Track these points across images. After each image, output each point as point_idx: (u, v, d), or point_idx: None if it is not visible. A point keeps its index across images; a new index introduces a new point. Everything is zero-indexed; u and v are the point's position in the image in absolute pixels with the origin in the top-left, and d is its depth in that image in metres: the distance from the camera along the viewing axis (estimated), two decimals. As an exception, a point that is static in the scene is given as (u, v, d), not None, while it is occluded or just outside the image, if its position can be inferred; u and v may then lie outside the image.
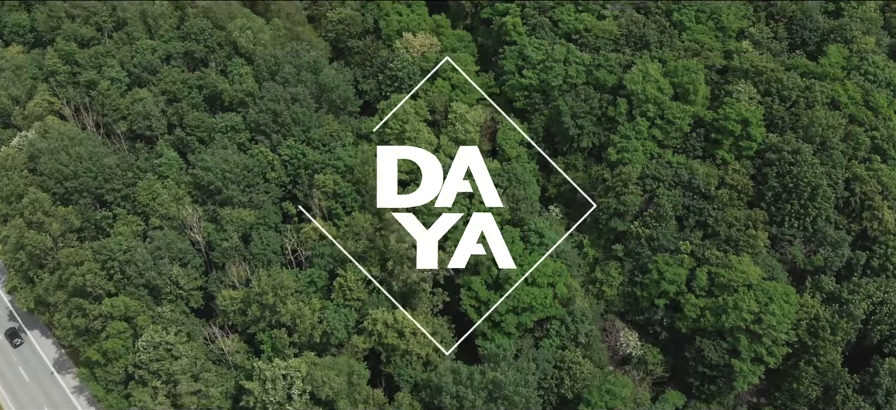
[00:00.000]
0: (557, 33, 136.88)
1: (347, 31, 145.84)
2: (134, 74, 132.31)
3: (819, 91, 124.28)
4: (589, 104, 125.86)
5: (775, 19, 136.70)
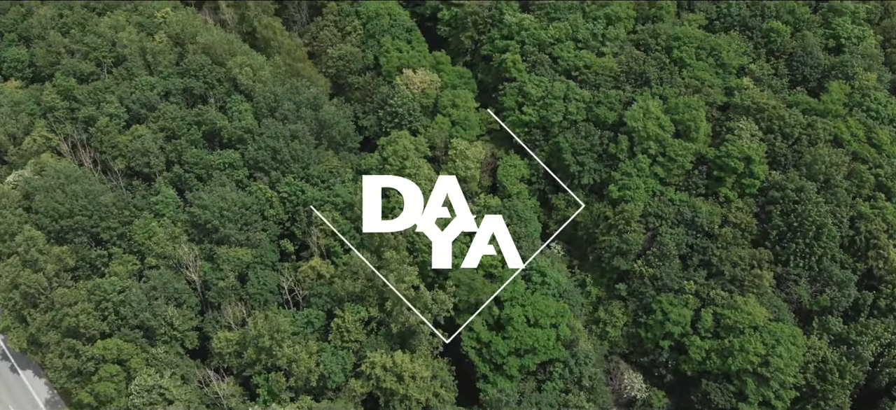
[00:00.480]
0: (557, 70, 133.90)
1: (348, 67, 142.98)
2: (133, 111, 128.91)
3: (821, 128, 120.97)
4: (589, 141, 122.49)
5: (775, 56, 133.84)
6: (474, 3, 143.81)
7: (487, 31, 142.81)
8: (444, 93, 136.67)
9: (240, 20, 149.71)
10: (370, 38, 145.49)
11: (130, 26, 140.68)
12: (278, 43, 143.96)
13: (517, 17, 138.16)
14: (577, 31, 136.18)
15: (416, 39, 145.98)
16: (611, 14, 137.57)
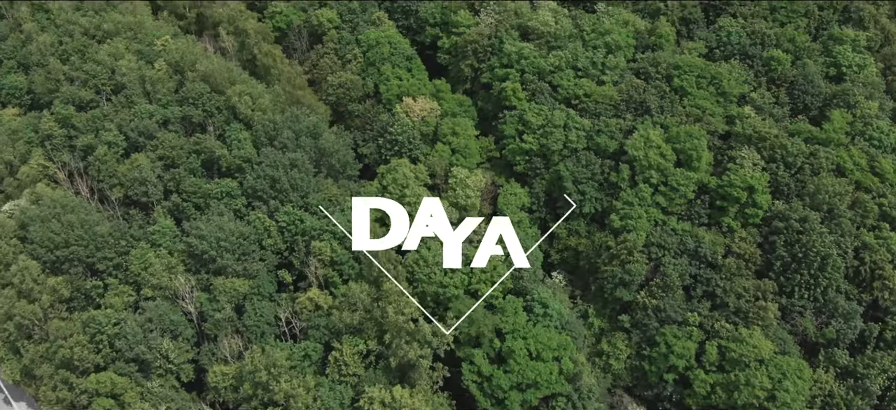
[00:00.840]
0: (557, 98, 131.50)
1: (348, 94, 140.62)
2: (131, 139, 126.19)
3: (824, 157, 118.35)
4: (590, 169, 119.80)
5: (776, 84, 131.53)
6: (474, 31, 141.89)
7: (487, 59, 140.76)
8: (444, 121, 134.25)
9: (240, 48, 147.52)
10: (370, 66, 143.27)
11: (130, 54, 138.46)
12: (278, 71, 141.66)
13: (517, 46, 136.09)
14: (576, 60, 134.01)
15: (416, 67, 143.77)
16: (611, 43, 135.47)
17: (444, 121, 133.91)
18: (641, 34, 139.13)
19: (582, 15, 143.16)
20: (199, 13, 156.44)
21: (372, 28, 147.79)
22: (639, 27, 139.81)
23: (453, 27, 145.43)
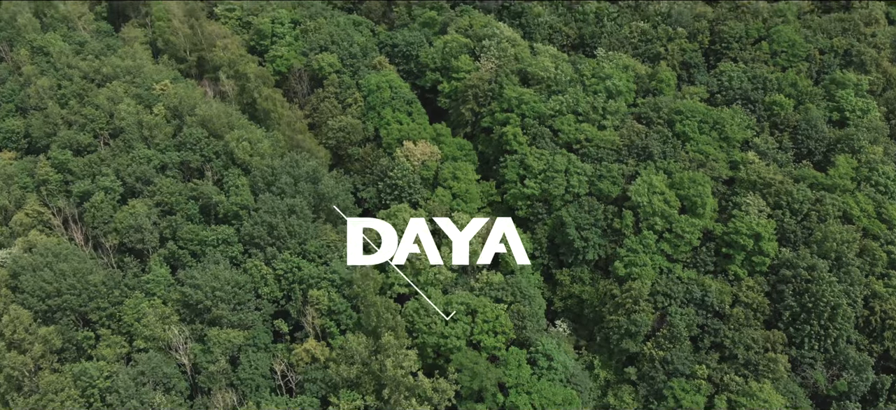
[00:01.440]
0: (558, 143, 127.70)
1: (348, 138, 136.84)
2: (128, 184, 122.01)
3: (830, 204, 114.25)
4: (593, 215, 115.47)
5: (779, 129, 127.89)
6: (475, 76, 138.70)
7: (488, 103, 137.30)
8: (444, 165, 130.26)
9: (240, 92, 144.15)
10: (371, 110, 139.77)
11: (129, 98, 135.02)
12: (279, 115, 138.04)
13: (517, 91, 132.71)
14: (577, 105, 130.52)
15: (417, 111, 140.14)
16: (611, 87, 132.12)
17: (444, 166, 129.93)
18: (642, 79, 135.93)
19: (582, 60, 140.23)
20: (199, 57, 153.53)
21: (373, 72, 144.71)
22: (639, 72, 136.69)
23: (454, 72, 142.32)
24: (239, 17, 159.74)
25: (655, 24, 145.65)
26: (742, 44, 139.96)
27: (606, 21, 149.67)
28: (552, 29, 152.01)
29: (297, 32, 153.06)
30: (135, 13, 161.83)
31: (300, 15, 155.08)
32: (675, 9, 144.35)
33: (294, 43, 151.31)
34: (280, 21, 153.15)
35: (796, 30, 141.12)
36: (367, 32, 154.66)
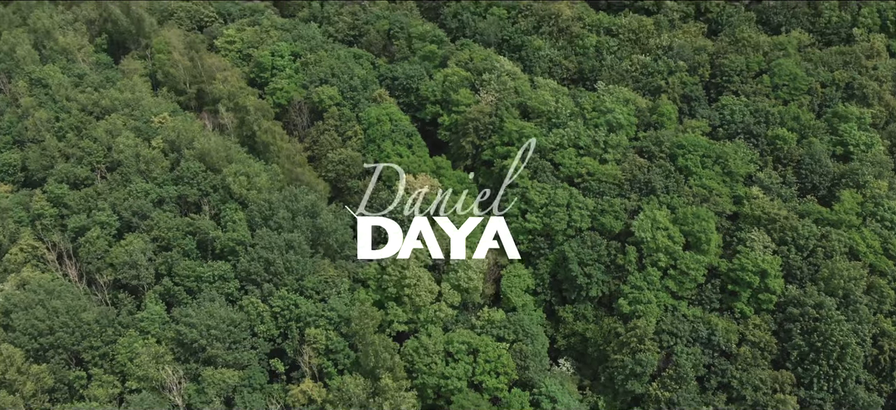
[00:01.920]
0: (559, 177, 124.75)
1: (348, 171, 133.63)
2: (125, 219, 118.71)
3: (836, 240, 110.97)
4: (596, 251, 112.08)
5: (783, 163, 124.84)
6: (475, 109, 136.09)
7: (488, 136, 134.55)
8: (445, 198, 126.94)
9: (239, 124, 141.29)
10: (371, 143, 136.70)
11: (127, 130, 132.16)
12: (278, 147, 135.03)
13: (518, 125, 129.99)
14: (578, 138, 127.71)
15: (417, 144, 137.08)
16: (612, 121, 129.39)
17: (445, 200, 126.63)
18: (643, 112, 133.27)
19: (582, 93, 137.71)
20: (199, 89, 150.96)
21: (373, 105, 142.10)
22: (640, 105, 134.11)
23: (454, 105, 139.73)
24: (239, 49, 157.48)
25: (656, 57, 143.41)
26: (743, 77, 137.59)
27: (606, 55, 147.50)
28: (552, 62, 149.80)
29: (298, 65, 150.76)
30: (135, 45, 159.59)
31: (300, 48, 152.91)
32: (676, 42, 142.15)
33: (294, 75, 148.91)
34: (280, 54, 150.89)
35: (797, 63, 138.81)
36: (367, 65, 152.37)
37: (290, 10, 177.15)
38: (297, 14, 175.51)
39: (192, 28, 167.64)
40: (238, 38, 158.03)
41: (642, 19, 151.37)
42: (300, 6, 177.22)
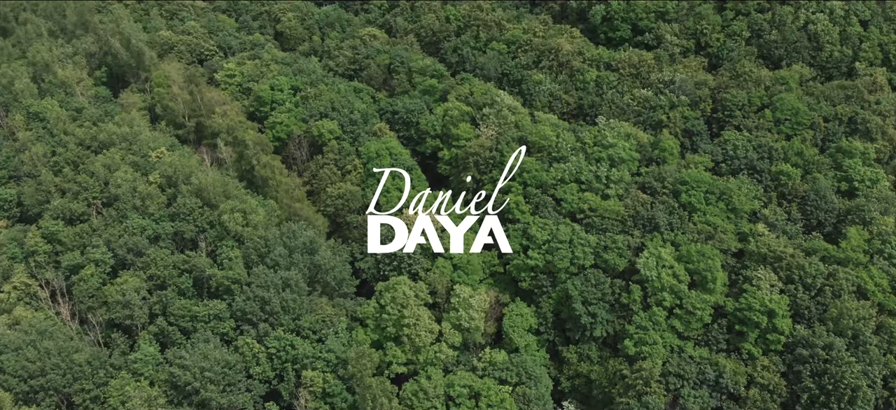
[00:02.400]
0: (561, 212, 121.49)
1: (347, 206, 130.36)
2: (119, 256, 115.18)
3: (844, 278, 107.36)
4: (600, 289, 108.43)
5: (787, 199, 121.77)
6: (475, 143, 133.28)
7: (489, 171, 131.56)
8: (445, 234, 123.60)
9: (238, 158, 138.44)
10: (370, 177, 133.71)
11: (126, 165, 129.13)
12: (277, 182, 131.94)
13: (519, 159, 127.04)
14: (580, 173, 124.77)
15: (417, 178, 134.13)
16: (614, 155, 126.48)
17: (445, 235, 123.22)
18: (644, 147, 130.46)
19: (583, 128, 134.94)
20: (198, 123, 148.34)
21: (373, 139, 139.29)
22: (641, 140, 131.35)
23: (454, 139, 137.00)
24: (239, 83, 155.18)
25: (657, 91, 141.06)
26: (745, 112, 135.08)
27: (606, 89, 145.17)
28: (552, 96, 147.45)
29: (297, 99, 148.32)
30: (134, 78, 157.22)
31: (300, 82, 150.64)
32: (678, 77, 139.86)
33: (294, 109, 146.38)
34: (280, 88, 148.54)
35: (799, 97, 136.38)
36: (367, 99, 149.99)
37: (291, 44, 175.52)
38: (298, 48, 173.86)
39: (192, 61, 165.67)
40: (238, 71, 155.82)
41: (642, 54, 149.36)
42: (301, 40, 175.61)
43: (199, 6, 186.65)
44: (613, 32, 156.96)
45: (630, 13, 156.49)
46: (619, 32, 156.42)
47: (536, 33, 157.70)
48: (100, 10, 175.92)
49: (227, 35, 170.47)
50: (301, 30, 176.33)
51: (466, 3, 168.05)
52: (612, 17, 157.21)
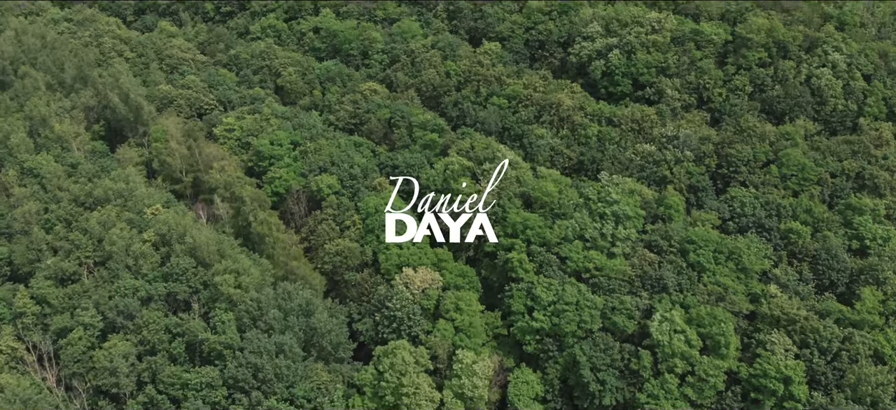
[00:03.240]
0: (566, 271, 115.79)
1: (345, 263, 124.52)
2: (109, 319, 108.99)
3: (860, 342, 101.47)
4: (609, 355, 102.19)
5: (798, 259, 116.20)
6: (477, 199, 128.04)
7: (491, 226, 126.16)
8: (446, 294, 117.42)
9: (235, 214, 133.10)
10: (369, 233, 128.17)
11: (121, 222, 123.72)
12: (274, 239, 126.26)
13: (522, 216, 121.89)
14: (584, 230, 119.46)
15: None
16: (619, 212, 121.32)
17: (446, 295, 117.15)
18: (649, 204, 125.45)
19: (586, 183, 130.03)
20: (195, 177, 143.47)
21: (372, 194, 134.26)
22: (646, 196, 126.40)
23: (455, 194, 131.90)
24: (238, 137, 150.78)
25: (661, 146, 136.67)
26: (751, 167, 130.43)
27: (608, 144, 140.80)
28: (554, 151, 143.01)
29: (296, 153, 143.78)
30: (132, 133, 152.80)
31: (300, 136, 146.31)
32: (682, 132, 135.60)
33: (293, 164, 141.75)
34: (279, 142, 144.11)
35: (805, 152, 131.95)
36: (367, 153, 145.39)
37: (292, 98, 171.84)
38: (299, 102, 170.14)
39: (191, 115, 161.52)
40: (237, 126, 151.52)
41: (644, 109, 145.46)
42: (301, 94, 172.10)
43: (199, 60, 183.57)
44: (614, 87, 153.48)
45: (631, 68, 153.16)
46: (620, 87, 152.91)
47: (537, 88, 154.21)
48: (100, 64, 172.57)
49: (227, 89, 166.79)
50: (302, 84, 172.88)
51: (466, 58, 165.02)
52: (613, 72, 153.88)
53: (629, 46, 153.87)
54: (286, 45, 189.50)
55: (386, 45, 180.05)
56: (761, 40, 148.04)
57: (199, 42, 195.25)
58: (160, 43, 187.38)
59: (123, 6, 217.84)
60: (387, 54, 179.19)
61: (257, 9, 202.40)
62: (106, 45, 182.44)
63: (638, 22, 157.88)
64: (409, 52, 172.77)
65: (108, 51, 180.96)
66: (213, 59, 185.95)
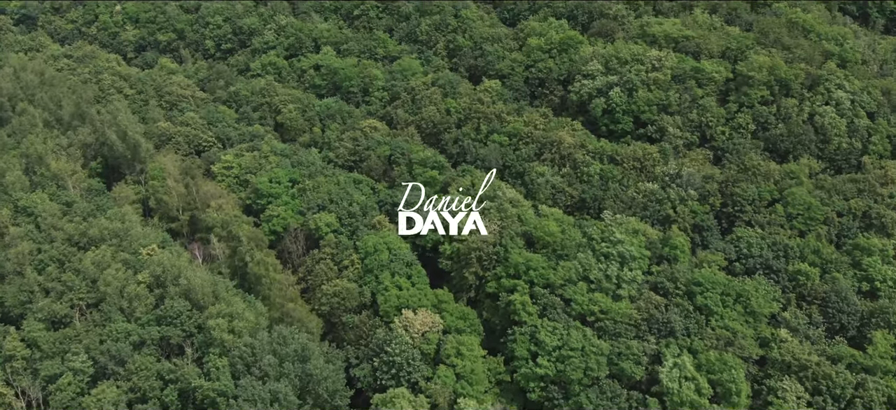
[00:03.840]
0: (570, 314, 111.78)
1: (343, 305, 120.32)
2: (100, 364, 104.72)
3: (873, 388, 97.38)
4: (616, 403, 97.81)
5: (807, 301, 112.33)
6: (477, 238, 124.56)
7: (492, 267, 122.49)
8: (447, 338, 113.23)
9: (231, 254, 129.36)
10: (368, 273, 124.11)
11: (115, 263, 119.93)
12: (270, 280, 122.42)
13: (524, 256, 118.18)
14: (588, 272, 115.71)
15: (417, 274, 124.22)
16: (624, 252, 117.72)
17: (447, 340, 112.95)
18: (654, 244, 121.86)
19: (589, 222, 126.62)
20: (192, 216, 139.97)
21: (371, 232, 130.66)
22: (650, 236, 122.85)
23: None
24: (237, 175, 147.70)
25: (664, 185, 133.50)
26: (756, 206, 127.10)
27: (610, 183, 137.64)
28: (555, 189, 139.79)
29: (295, 191, 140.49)
30: (130, 170, 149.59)
31: (299, 174, 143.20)
32: (685, 170, 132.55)
33: (291, 202, 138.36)
34: (277, 180, 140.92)
35: (810, 191, 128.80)
36: (367, 190, 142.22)
37: (291, 135, 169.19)
38: (298, 139, 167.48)
39: (189, 152, 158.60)
40: (236, 163, 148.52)
41: (646, 147, 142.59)
42: (301, 131, 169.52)
43: (199, 97, 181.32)
44: (615, 125, 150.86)
45: (632, 105, 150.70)
46: (621, 125, 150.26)
47: (537, 126, 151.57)
48: (99, 100, 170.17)
49: (226, 126, 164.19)
50: (302, 121, 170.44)
51: (467, 95, 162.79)
52: (614, 110, 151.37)
53: (630, 84, 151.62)
54: (286, 81, 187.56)
55: (386, 82, 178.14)
56: (763, 78, 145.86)
57: (199, 79, 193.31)
58: (160, 79, 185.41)
59: (124, 43, 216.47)
60: (387, 91, 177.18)
61: (258, 46, 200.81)
62: (105, 82, 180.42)
63: (638, 59, 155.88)
64: (410, 89, 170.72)
65: (108, 87, 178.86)
66: (213, 96, 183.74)
